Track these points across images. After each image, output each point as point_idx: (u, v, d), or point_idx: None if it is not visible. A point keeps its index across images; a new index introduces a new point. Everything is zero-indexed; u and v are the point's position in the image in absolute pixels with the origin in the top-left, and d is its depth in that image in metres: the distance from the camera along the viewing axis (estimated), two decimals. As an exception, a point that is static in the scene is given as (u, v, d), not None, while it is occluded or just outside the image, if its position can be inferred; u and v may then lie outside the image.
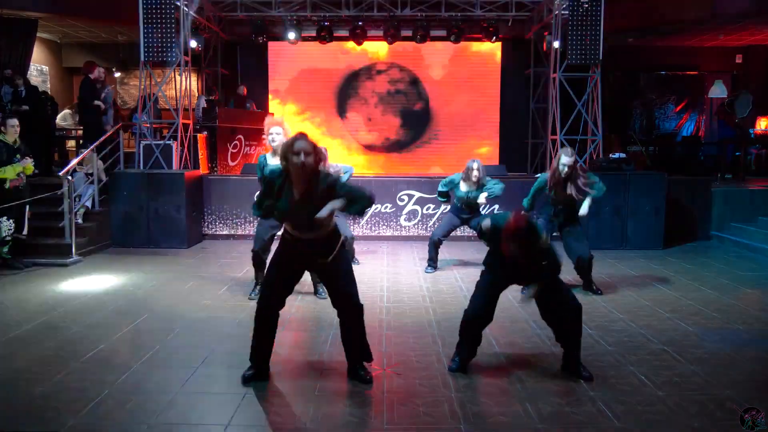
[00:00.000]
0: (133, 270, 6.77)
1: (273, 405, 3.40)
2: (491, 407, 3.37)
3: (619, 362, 4.02)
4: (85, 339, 4.41)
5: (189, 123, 9.40)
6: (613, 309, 5.28)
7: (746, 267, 7.09)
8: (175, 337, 4.47)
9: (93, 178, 8.17)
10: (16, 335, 4.51)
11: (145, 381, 3.67)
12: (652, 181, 8.32)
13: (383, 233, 8.80)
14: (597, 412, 3.30)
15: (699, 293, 5.84)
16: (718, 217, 8.86)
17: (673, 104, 13.77)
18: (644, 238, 8.18)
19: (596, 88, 9.39)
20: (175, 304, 5.39)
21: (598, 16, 8.92)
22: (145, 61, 8.94)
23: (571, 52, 9.03)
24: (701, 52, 13.40)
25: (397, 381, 3.72)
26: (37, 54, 11.92)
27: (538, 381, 3.72)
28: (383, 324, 4.84)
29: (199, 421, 3.18)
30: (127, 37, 12.31)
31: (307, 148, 3.22)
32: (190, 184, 8.29)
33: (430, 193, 8.73)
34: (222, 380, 3.70)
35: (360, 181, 8.95)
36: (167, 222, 8.16)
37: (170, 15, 8.69)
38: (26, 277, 6.40)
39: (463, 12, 11.10)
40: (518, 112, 12.69)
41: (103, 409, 3.30)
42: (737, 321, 4.98)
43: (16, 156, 6.70)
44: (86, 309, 5.21)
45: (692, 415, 3.28)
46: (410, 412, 3.33)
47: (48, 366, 3.89)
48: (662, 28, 11.72)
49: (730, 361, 4.08)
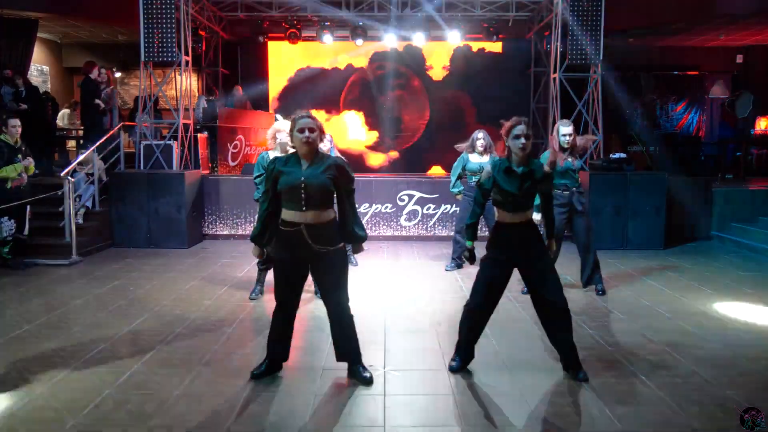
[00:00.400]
0: (134, 270, 6.77)
1: (273, 405, 3.39)
2: (491, 407, 3.37)
3: (619, 362, 4.02)
4: (85, 339, 4.41)
5: (189, 123, 9.40)
6: (614, 309, 5.28)
7: (747, 267, 7.08)
8: (176, 338, 4.47)
9: (93, 178, 8.17)
10: (17, 335, 4.51)
11: (145, 381, 3.67)
12: (652, 181, 8.32)
13: (383, 233, 8.80)
14: (597, 412, 3.30)
15: (699, 293, 5.84)
16: (718, 217, 8.86)
17: (673, 104, 13.76)
18: (645, 238, 8.18)
19: (597, 88, 9.39)
20: (175, 304, 5.39)
21: (599, 16, 8.92)
22: (145, 61, 8.95)
23: (572, 52, 9.03)
24: (702, 52, 13.40)
25: (397, 381, 3.72)
26: (37, 54, 11.94)
27: (538, 381, 3.72)
28: (383, 324, 4.84)
29: (199, 422, 3.18)
30: (127, 37, 12.33)
31: (312, 125, 3.47)
32: (190, 185, 8.30)
33: (431, 193, 8.74)
34: (222, 381, 3.70)
35: (360, 182, 8.94)
36: (167, 222, 8.16)
37: (170, 15, 8.70)
38: (27, 277, 6.40)
39: (464, 12, 11.10)
40: (519, 112, 12.61)
41: (103, 409, 3.30)
42: (738, 321, 4.97)
43: (17, 156, 6.71)
44: (86, 309, 5.21)
45: (692, 415, 3.27)
46: (410, 412, 3.32)
47: (48, 366, 3.89)
48: (663, 28, 11.72)
49: (731, 361, 4.07)
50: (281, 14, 11.19)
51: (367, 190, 8.67)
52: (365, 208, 8.73)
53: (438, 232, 8.77)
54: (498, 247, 3.77)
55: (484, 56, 12.85)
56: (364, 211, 8.70)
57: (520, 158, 3.70)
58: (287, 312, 3.72)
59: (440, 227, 8.78)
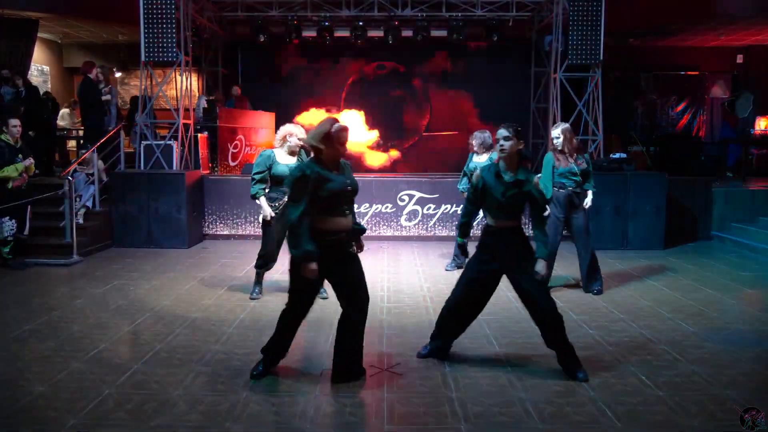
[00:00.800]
0: (134, 270, 6.77)
1: (273, 405, 3.39)
2: (492, 407, 3.37)
3: (619, 362, 4.02)
4: (85, 339, 4.41)
5: (189, 123, 9.40)
6: (614, 309, 5.28)
7: (747, 267, 7.08)
8: (176, 337, 4.47)
9: (93, 178, 8.17)
10: (17, 335, 4.51)
11: (145, 381, 3.67)
12: (652, 181, 8.32)
13: (384, 233, 8.80)
14: (598, 412, 3.30)
15: (700, 293, 5.84)
16: (718, 217, 8.86)
17: (673, 104, 13.76)
18: (645, 239, 8.18)
19: (597, 88, 9.39)
20: (175, 304, 5.40)
21: (599, 16, 8.92)
22: (145, 61, 8.95)
23: (572, 52, 9.03)
24: (702, 52, 13.39)
25: (398, 381, 3.72)
26: (37, 54, 11.94)
27: (538, 381, 3.72)
28: (383, 324, 4.84)
29: (199, 422, 3.18)
30: (127, 37, 12.32)
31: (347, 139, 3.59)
32: (190, 184, 8.30)
33: (431, 193, 8.74)
34: (222, 380, 3.70)
35: (361, 182, 8.93)
36: (168, 222, 8.16)
37: (171, 15, 8.70)
38: (27, 277, 6.40)
39: (464, 12, 11.10)
40: (519, 112, 12.67)
41: (103, 409, 3.30)
42: (738, 321, 4.98)
43: (18, 156, 6.71)
44: (87, 309, 5.22)
45: (693, 415, 3.27)
46: (411, 411, 3.33)
47: (48, 366, 3.89)
48: (663, 28, 11.71)
49: (731, 361, 4.07)
50: (281, 14, 11.19)
51: (368, 190, 8.67)
52: (365, 208, 8.73)
53: (438, 232, 8.77)
54: (483, 250, 3.86)
55: (485, 56, 12.84)
56: (364, 211, 8.70)
57: (507, 163, 3.72)
58: (301, 314, 3.71)
59: (440, 227, 8.78)
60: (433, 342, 4.10)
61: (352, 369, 3.70)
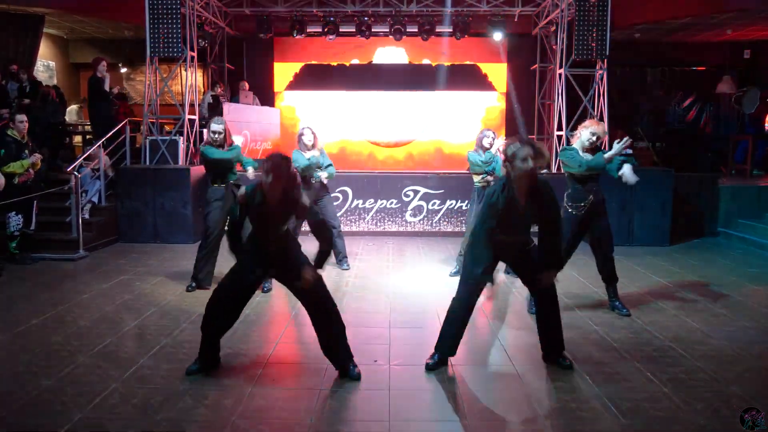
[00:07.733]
0: (140, 265, 6.80)
1: (278, 401, 3.41)
2: (496, 403, 3.37)
3: (624, 358, 4.01)
4: (91, 333, 4.44)
5: (195, 118, 9.41)
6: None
7: (753, 263, 7.05)
8: (182, 332, 4.49)
9: (99, 173, 8.20)
10: (24, 329, 4.54)
11: (151, 375, 3.69)
12: (658, 177, 8.28)
13: (389, 229, 8.79)
14: (602, 408, 3.30)
15: (705, 290, 5.82)
16: (725, 213, 8.81)
17: (680, 100, 13.67)
18: (651, 235, 8.15)
19: (602, 84, 9.34)
20: (181, 299, 5.41)
21: (605, 11, 8.87)
22: (151, 57, 8.96)
23: (578, 48, 8.99)
24: (709, 47, 13.29)
25: (401, 377, 3.72)
26: (44, 49, 11.96)
27: (543, 377, 3.72)
28: (388, 320, 4.85)
29: (204, 416, 3.20)
30: (133, 32, 12.33)
31: None
32: (196, 180, 8.31)
33: (436, 188, 8.73)
34: (227, 375, 3.71)
35: (365, 177, 8.96)
36: (173, 217, 8.18)
37: (176, 11, 8.71)
38: (34, 272, 6.44)
39: (469, 7, 11.07)
40: (524, 108, 12.65)
41: (109, 403, 3.32)
42: (744, 318, 4.95)
43: (24, 152, 6.74)
44: (93, 303, 5.24)
45: (698, 411, 3.27)
46: (414, 408, 3.33)
47: (55, 360, 3.92)
48: (670, 23, 11.63)
49: (737, 357, 4.06)
50: (287, 10, 11.18)
51: (373, 186, 8.67)
52: (370, 203, 8.73)
53: (443, 227, 8.77)
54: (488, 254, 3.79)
55: (490, 52, 12.79)
56: (369, 207, 8.71)
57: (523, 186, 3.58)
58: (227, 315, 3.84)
59: (445, 223, 8.78)
60: (441, 349, 3.88)
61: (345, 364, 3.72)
